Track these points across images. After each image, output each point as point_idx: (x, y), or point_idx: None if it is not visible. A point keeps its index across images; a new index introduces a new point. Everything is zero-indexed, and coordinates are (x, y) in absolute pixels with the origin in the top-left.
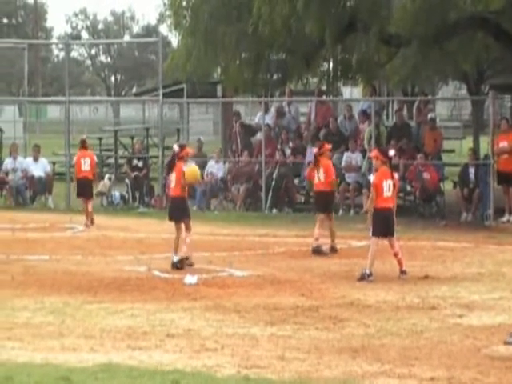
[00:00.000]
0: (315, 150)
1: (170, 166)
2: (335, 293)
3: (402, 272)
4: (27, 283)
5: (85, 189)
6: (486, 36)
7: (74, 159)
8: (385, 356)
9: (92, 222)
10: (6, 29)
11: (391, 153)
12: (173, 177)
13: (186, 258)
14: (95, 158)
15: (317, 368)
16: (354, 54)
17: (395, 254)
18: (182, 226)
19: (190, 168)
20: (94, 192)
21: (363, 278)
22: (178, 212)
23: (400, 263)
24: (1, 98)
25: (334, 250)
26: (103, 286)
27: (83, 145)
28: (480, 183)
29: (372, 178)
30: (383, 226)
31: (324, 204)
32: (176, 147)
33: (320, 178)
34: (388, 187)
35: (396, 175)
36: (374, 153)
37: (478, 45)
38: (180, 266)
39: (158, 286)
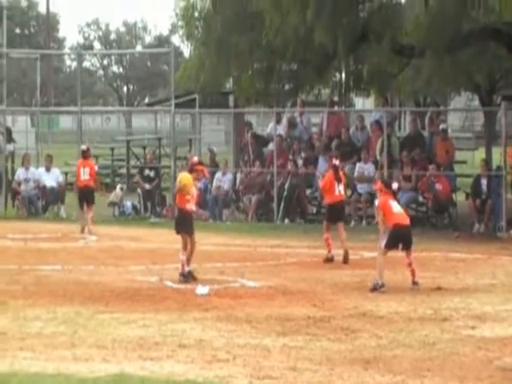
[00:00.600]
0: (337, 161)
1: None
2: (347, 304)
3: (415, 283)
4: (39, 293)
5: (85, 196)
6: (498, 47)
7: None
8: (397, 367)
9: (83, 231)
10: (18, 39)
11: (395, 186)
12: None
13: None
14: (95, 168)
15: (329, 379)
16: (366, 65)
17: (409, 264)
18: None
19: (184, 175)
20: (106, 202)
21: (375, 288)
22: (179, 225)
23: (413, 274)
24: (13, 109)
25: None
26: (115, 296)
27: (84, 154)
28: (492, 194)
29: (376, 202)
30: (398, 240)
31: (342, 213)
32: (195, 159)
33: (341, 190)
34: (395, 204)
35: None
36: (378, 184)
37: (491, 56)
38: (188, 277)
39: (169, 296)
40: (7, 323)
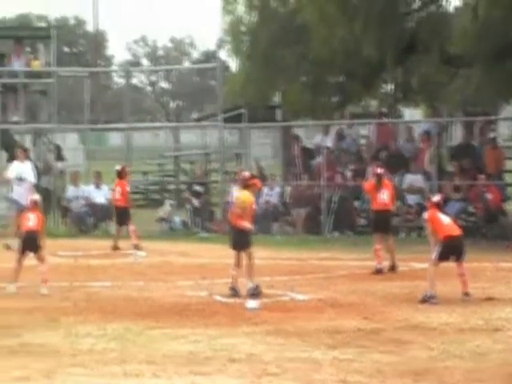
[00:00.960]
0: (380, 170)
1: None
2: (398, 315)
3: (466, 294)
4: (90, 310)
5: (120, 216)
6: None
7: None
8: (448, 379)
9: (116, 248)
10: (67, 57)
11: (435, 198)
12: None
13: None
14: (127, 188)
15: None
16: (415, 75)
17: (461, 275)
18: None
19: (243, 194)
20: (155, 218)
21: (425, 300)
22: (236, 242)
23: (464, 284)
24: (63, 126)
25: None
26: (165, 311)
27: (118, 175)
28: None
29: (425, 215)
30: (450, 252)
31: (387, 223)
32: (247, 173)
33: (384, 198)
34: (444, 216)
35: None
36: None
37: None
38: (256, 292)
39: (219, 310)
40: (59, 340)
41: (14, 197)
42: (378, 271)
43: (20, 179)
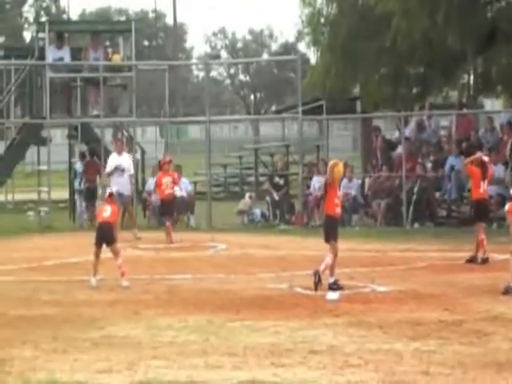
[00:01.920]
0: (486, 157)
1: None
2: (479, 307)
3: None
4: (171, 302)
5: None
6: None
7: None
8: None
9: (171, 241)
10: (147, 51)
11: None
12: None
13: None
14: (176, 177)
15: (462, 383)
16: (495, 66)
17: None
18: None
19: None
20: (235, 211)
21: (507, 291)
22: (327, 233)
23: None
24: (143, 120)
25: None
26: (246, 303)
27: (160, 166)
28: None
29: (507, 206)
30: None
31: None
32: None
33: (486, 188)
34: None
35: None
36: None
37: None
38: (336, 287)
39: (299, 302)
40: (140, 332)
41: (114, 189)
42: (484, 261)
43: (122, 170)
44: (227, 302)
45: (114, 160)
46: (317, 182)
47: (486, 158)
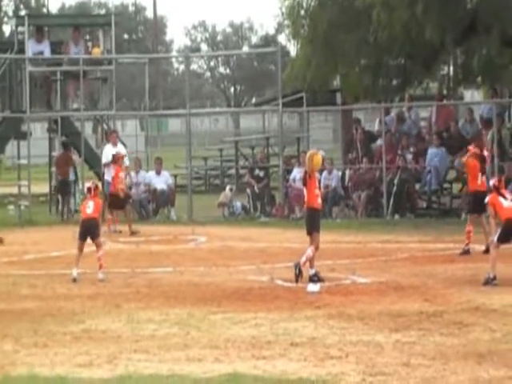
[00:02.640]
0: (485, 152)
1: (305, 179)
2: (460, 298)
3: None
4: (152, 296)
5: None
6: None
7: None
8: None
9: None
10: (126, 44)
11: (492, 182)
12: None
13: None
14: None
15: (442, 374)
16: (475, 57)
17: None
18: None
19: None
20: (215, 204)
21: (488, 282)
22: (310, 225)
23: None
24: (123, 113)
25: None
26: (227, 296)
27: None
28: None
29: (487, 198)
30: (510, 234)
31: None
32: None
33: (484, 180)
34: (504, 200)
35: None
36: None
37: None
38: (316, 279)
39: (280, 295)
40: (121, 326)
41: (107, 179)
42: (466, 252)
43: (123, 157)
44: (208, 295)
45: (110, 150)
46: (297, 173)
47: (486, 153)
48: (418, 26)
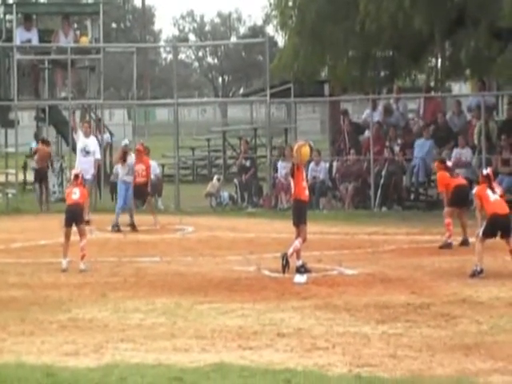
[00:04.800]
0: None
1: (292, 170)
2: (447, 290)
3: None
4: (139, 285)
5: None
6: None
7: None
8: (498, 353)
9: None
10: (114, 33)
11: (485, 171)
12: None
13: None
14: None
15: (429, 366)
16: (463, 49)
17: (511, 251)
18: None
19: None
20: (203, 194)
21: (475, 274)
22: (297, 216)
23: None
24: (110, 102)
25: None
26: (213, 286)
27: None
28: None
29: (473, 190)
30: (496, 229)
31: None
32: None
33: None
34: (493, 193)
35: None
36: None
37: None
38: (303, 270)
39: (267, 285)
40: (108, 315)
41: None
42: (448, 245)
43: (87, 152)
44: (195, 285)
45: (80, 141)
46: (282, 168)
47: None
48: (405, 18)
